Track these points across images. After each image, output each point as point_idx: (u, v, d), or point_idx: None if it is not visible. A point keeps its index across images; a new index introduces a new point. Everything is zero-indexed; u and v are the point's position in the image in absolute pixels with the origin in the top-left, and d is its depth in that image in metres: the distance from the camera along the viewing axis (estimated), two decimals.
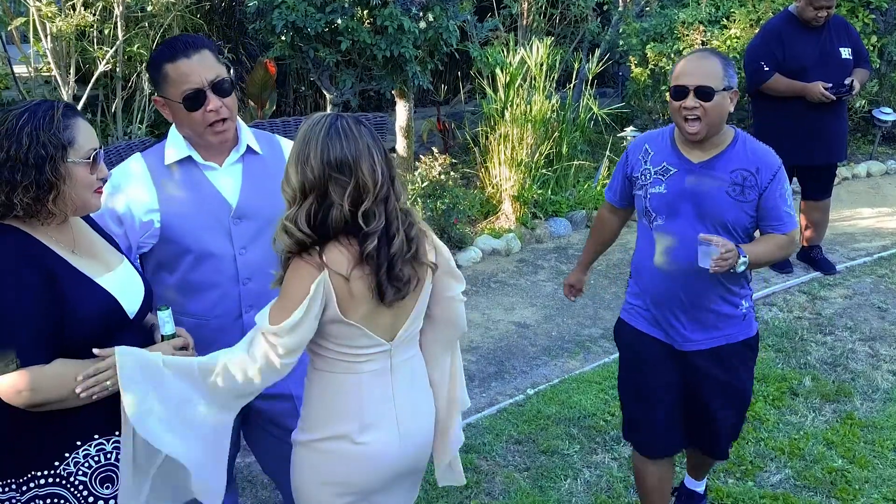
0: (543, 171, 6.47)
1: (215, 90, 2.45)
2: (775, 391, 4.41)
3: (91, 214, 2.27)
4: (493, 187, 6.40)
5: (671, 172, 2.90)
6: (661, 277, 2.94)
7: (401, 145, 6.12)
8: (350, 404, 2.23)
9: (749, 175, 2.85)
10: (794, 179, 5.84)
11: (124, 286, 2.19)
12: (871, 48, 7.63)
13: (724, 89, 2.81)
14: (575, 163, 6.77)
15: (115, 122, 5.90)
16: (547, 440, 3.96)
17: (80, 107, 5.58)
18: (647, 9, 7.71)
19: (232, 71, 2.69)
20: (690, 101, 2.77)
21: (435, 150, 6.05)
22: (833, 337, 5.01)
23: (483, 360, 4.74)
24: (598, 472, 3.75)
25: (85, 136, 2.09)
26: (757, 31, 6.58)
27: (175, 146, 2.54)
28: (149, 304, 2.27)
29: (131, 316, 2.17)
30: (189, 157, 2.53)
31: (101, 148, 2.15)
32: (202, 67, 2.44)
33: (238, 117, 2.61)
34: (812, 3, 5.33)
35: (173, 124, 2.56)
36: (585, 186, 6.80)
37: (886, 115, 8.02)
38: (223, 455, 2.18)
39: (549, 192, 6.50)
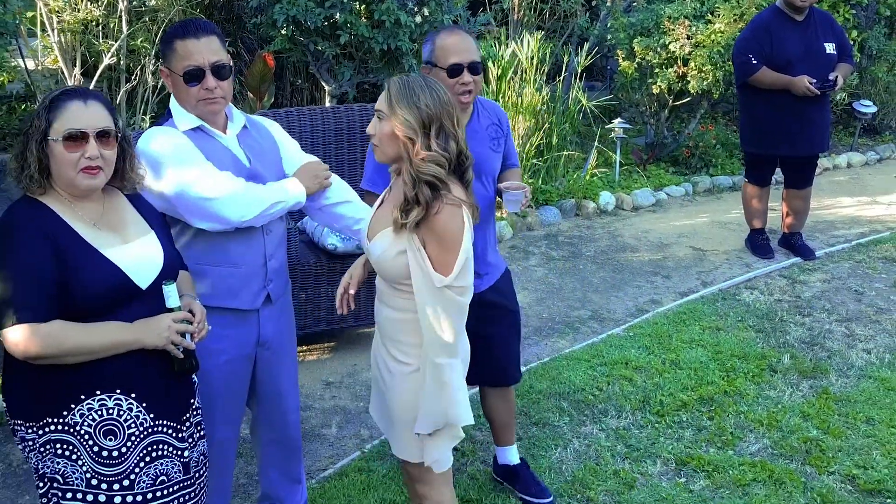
0: (534, 161, 6.68)
1: (214, 72, 2.70)
2: (755, 368, 4.63)
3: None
4: None
5: None
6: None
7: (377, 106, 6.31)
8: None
9: (496, 126, 3.29)
10: (777, 169, 6.09)
11: (137, 258, 2.34)
12: (852, 42, 7.86)
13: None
14: (564, 153, 6.98)
15: (118, 112, 6.08)
16: (538, 413, 4.18)
17: None
18: (635, 4, 7.92)
19: (231, 62, 2.91)
20: (466, 76, 3.07)
21: None
22: (811, 318, 5.24)
23: None
24: (586, 442, 3.97)
25: (69, 116, 2.21)
26: (741, 25, 6.82)
27: (185, 118, 2.76)
28: (169, 276, 2.44)
29: (143, 287, 2.32)
30: (200, 127, 2.75)
31: (94, 131, 2.23)
32: (207, 50, 2.69)
33: (231, 104, 2.86)
34: None
35: (171, 101, 2.79)
36: (575, 176, 7.01)
37: (866, 107, 8.26)
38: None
39: (540, 182, 6.71)
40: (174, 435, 2.36)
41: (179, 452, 2.37)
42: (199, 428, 2.49)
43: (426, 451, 2.57)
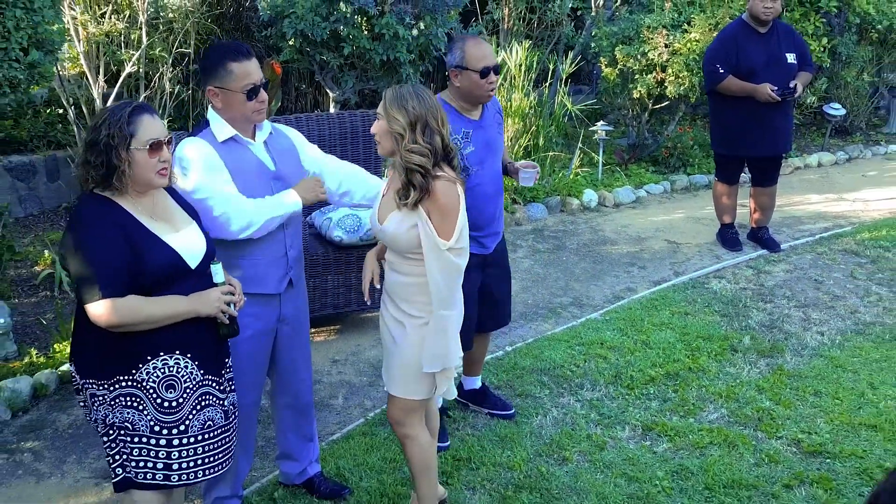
0: (522, 160, 7.19)
1: (263, 87, 3.25)
2: (718, 348, 5.14)
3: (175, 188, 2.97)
4: None
5: (470, 134, 3.84)
6: (481, 208, 3.87)
7: (378, 110, 6.84)
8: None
9: (498, 115, 4.08)
10: (745, 168, 6.61)
11: (187, 244, 2.85)
12: (823, 49, 8.38)
13: None
14: (551, 154, 7.50)
15: None
16: (522, 386, 4.70)
17: (107, 104, 6.26)
18: (617, 14, 8.44)
19: None
20: (493, 77, 3.80)
21: None
22: (772, 304, 5.76)
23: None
24: (563, 411, 4.48)
25: (146, 129, 2.72)
26: (715, 34, 7.33)
27: (222, 128, 3.25)
28: (210, 258, 2.95)
29: (192, 266, 2.83)
30: (234, 137, 3.25)
31: (165, 138, 2.78)
32: (257, 69, 3.22)
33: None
34: None
35: (210, 111, 3.26)
36: (560, 175, 7.53)
37: (836, 110, 8.79)
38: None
39: None
40: (217, 387, 2.88)
41: (220, 401, 2.89)
42: (230, 382, 3.01)
43: (438, 386, 3.22)
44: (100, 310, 2.65)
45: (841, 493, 3.90)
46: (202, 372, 2.83)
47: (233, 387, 3.04)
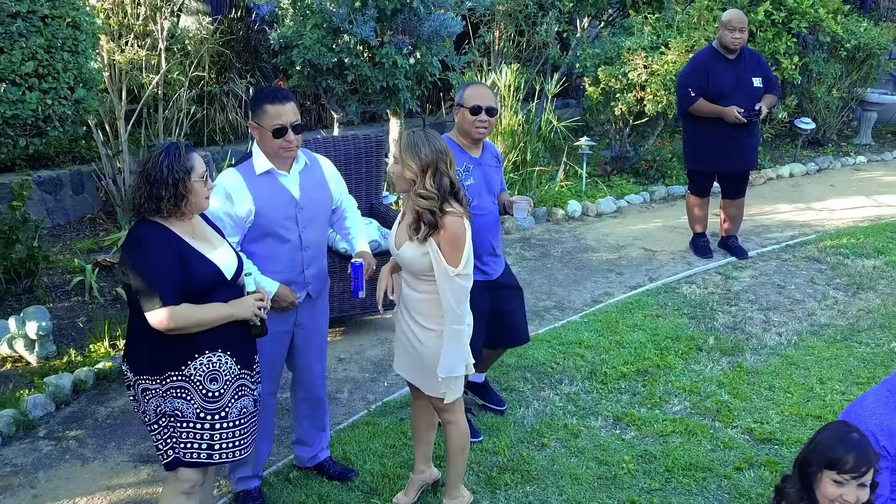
0: (511, 174, 7.77)
1: (294, 129, 3.78)
2: (684, 347, 5.72)
3: (204, 212, 3.54)
4: None
5: (471, 168, 4.39)
6: (480, 238, 4.29)
7: (393, 152, 7.41)
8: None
9: (496, 159, 4.58)
10: (715, 182, 7.19)
11: (224, 259, 3.42)
12: (794, 66, 8.96)
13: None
14: (538, 168, 8.08)
15: (157, 134, 7.15)
16: (507, 381, 5.28)
17: (129, 123, 6.84)
18: (600, 36, 9.03)
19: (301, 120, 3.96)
20: (483, 116, 4.29)
21: None
22: (737, 307, 6.34)
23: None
24: (543, 403, 5.06)
25: (200, 164, 3.31)
26: (691, 55, 7.91)
27: (261, 161, 3.82)
28: (240, 271, 3.51)
29: (228, 278, 3.40)
30: (270, 170, 3.82)
31: (208, 170, 3.40)
32: (290, 112, 3.76)
33: None
34: (727, 28, 6.64)
35: (253, 146, 3.85)
36: (546, 187, 8.11)
37: (806, 124, 9.40)
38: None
39: (516, 192, 7.79)
40: (250, 380, 3.45)
41: (252, 391, 3.46)
42: (258, 375, 3.58)
43: (456, 388, 3.76)
44: (160, 317, 3.21)
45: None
46: (239, 367, 3.40)
47: (259, 379, 3.61)
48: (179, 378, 3.33)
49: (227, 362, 3.36)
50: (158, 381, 3.34)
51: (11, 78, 4.23)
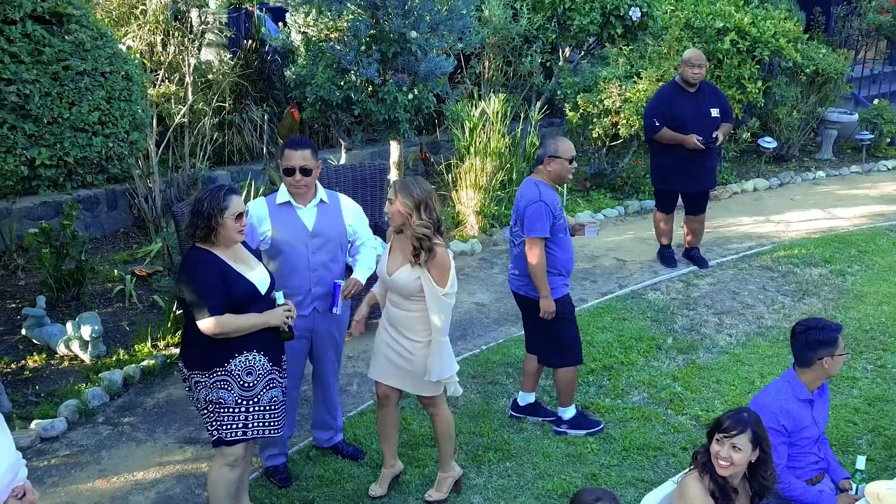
0: (499, 192, 8.65)
1: (301, 171, 4.66)
2: (646, 347, 6.62)
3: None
4: (461, 205, 8.59)
5: (559, 204, 5.29)
6: (572, 258, 5.38)
7: (394, 174, 8.31)
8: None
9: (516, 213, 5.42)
10: (679, 200, 8.10)
11: (260, 278, 4.30)
12: (758, 90, 9.85)
13: None
14: None
15: (183, 159, 8.04)
16: (492, 376, 6.18)
17: (160, 148, 7.72)
18: (579, 66, 9.95)
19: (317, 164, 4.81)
20: (575, 164, 5.32)
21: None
22: (695, 311, 7.24)
23: (452, 328, 6.89)
24: None
25: (235, 205, 4.12)
26: (661, 84, 8.81)
27: (283, 193, 4.72)
28: (272, 287, 4.41)
29: (262, 293, 4.28)
30: (289, 201, 4.72)
31: (246, 210, 4.24)
32: (300, 158, 4.64)
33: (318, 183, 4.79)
34: (688, 65, 7.53)
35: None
36: None
37: (768, 143, 10.33)
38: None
39: (503, 208, 8.67)
40: (278, 374, 4.34)
41: (280, 384, 4.34)
42: (285, 371, 4.45)
43: (448, 388, 4.60)
44: (208, 324, 4.09)
45: None
46: (270, 364, 4.29)
47: (285, 374, 4.50)
48: (223, 373, 4.20)
49: (260, 360, 4.24)
50: (207, 374, 4.22)
51: (81, 126, 5.13)
